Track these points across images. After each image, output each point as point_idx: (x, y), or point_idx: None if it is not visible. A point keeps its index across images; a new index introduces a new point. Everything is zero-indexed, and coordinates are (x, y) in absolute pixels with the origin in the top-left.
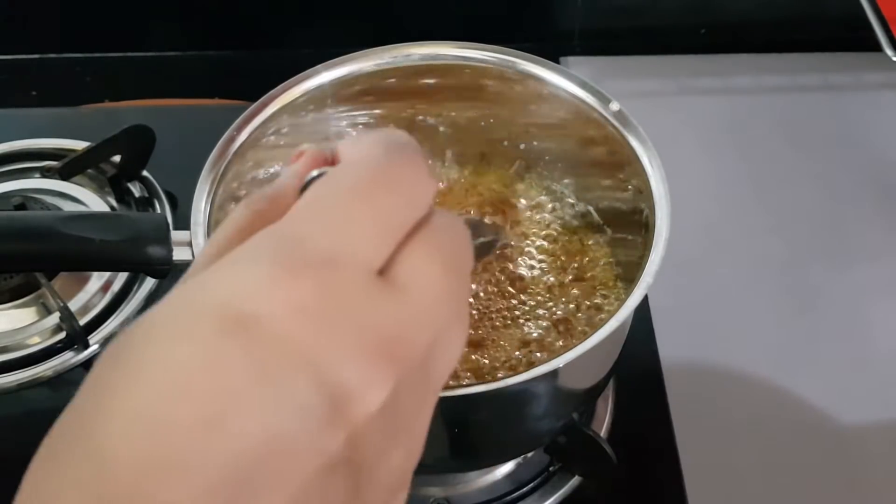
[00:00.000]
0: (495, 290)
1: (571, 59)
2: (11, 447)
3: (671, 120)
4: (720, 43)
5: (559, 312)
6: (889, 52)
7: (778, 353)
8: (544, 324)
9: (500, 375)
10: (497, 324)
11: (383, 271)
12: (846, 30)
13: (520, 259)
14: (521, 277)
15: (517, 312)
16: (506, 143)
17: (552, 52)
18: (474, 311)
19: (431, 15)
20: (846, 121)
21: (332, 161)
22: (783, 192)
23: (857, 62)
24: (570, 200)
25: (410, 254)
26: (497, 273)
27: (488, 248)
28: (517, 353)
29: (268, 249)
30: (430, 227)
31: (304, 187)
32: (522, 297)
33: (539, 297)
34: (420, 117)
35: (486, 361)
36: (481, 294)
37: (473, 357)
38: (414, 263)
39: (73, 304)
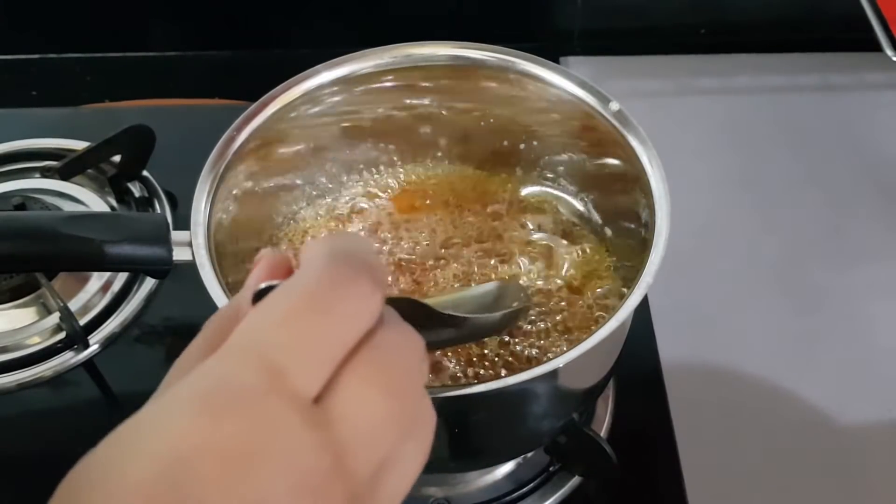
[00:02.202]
0: None
1: (571, 59)
2: (11, 447)
3: (671, 120)
4: (720, 43)
5: (558, 312)
6: (889, 52)
7: (778, 353)
8: (543, 325)
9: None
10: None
11: (321, 398)
12: (846, 30)
13: (519, 259)
14: (520, 277)
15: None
16: (505, 143)
17: (552, 52)
18: None
19: (431, 15)
20: (846, 121)
21: (289, 268)
22: (783, 191)
23: (857, 62)
24: (570, 200)
25: (347, 379)
26: (496, 274)
27: (516, 317)
28: (515, 353)
29: (195, 391)
30: (373, 345)
31: (259, 296)
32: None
33: (538, 298)
34: (419, 118)
35: (485, 362)
36: None
37: (471, 357)
38: (350, 391)
39: (73, 304)
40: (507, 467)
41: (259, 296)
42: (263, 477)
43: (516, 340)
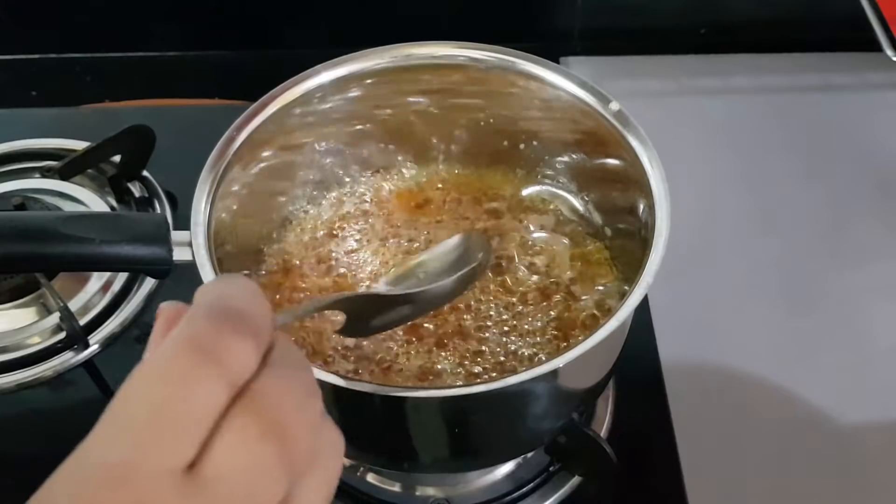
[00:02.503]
0: (493, 289)
1: (571, 59)
2: (11, 447)
3: (671, 120)
4: (720, 43)
5: (558, 312)
6: (889, 52)
7: (778, 353)
8: (543, 324)
9: (497, 377)
10: (495, 324)
11: (196, 461)
12: (846, 30)
13: (518, 259)
14: (520, 277)
15: (515, 312)
16: (505, 143)
17: (552, 52)
18: (470, 316)
19: (431, 15)
20: (846, 121)
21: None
22: (783, 191)
23: (857, 62)
24: (570, 200)
25: (220, 437)
26: (494, 273)
27: (473, 276)
28: (515, 353)
29: (73, 477)
30: (247, 396)
31: None
32: (521, 296)
33: (537, 297)
34: (419, 117)
35: (484, 363)
36: (479, 296)
37: (470, 358)
38: (223, 447)
39: (73, 304)
40: (507, 467)
41: None
42: None
43: (515, 340)
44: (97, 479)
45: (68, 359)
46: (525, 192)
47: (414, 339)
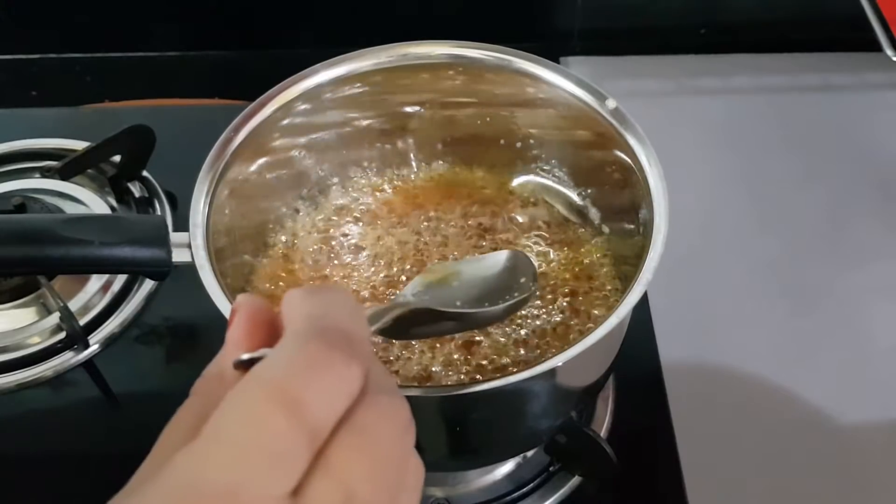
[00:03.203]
0: None
1: (571, 59)
2: (11, 447)
3: (671, 120)
4: (720, 43)
5: (557, 311)
6: (889, 52)
7: (778, 353)
8: (541, 323)
9: (496, 376)
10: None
11: (300, 490)
12: (846, 30)
13: None
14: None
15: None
16: (503, 141)
17: (552, 52)
18: None
19: (431, 14)
20: (846, 121)
21: (269, 320)
22: (783, 191)
23: (857, 62)
24: (568, 199)
25: (325, 471)
26: None
27: (519, 306)
28: (514, 352)
29: (168, 491)
30: (351, 427)
31: (247, 362)
32: None
33: (537, 297)
34: (418, 117)
35: (484, 362)
36: None
37: (469, 359)
38: (328, 483)
39: (73, 304)
40: (507, 467)
41: (241, 364)
42: None
43: (512, 332)
44: (198, 499)
45: (68, 359)
46: (523, 190)
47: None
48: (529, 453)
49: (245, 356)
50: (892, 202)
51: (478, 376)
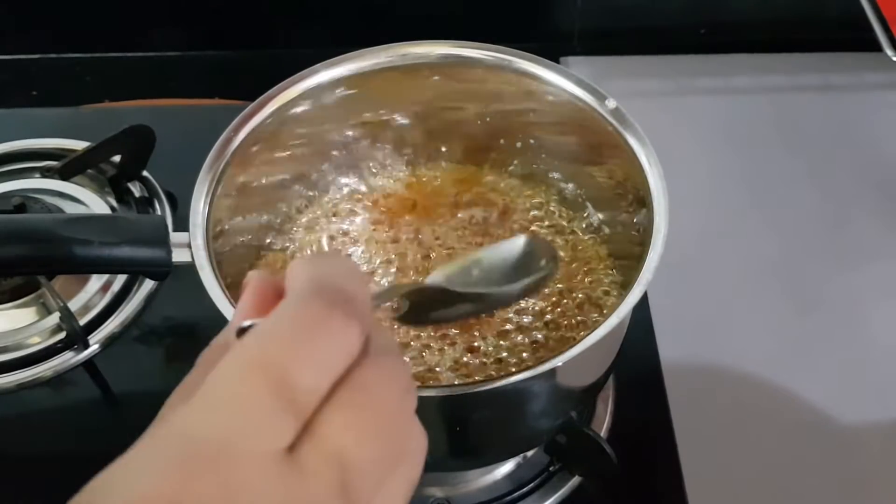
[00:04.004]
0: None
1: (571, 59)
2: (11, 447)
3: (671, 120)
4: (720, 43)
5: (556, 311)
6: (889, 52)
7: (778, 353)
8: (541, 323)
9: (496, 376)
10: (493, 324)
11: (296, 445)
12: (846, 30)
13: None
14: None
15: (513, 310)
16: (503, 141)
17: (552, 52)
18: None
19: (431, 15)
20: (846, 121)
21: (278, 294)
22: (783, 191)
23: (857, 62)
24: (568, 198)
25: (323, 428)
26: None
27: (538, 287)
28: (514, 352)
29: (170, 444)
30: (351, 386)
31: (243, 333)
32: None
33: (536, 297)
34: (417, 117)
35: (483, 361)
36: None
37: (467, 359)
38: (326, 440)
39: (73, 304)
40: (507, 467)
41: (243, 331)
42: None
43: (513, 338)
44: (192, 454)
45: (68, 359)
46: (523, 189)
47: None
48: (529, 453)
49: (246, 322)
50: (892, 202)
51: (477, 377)
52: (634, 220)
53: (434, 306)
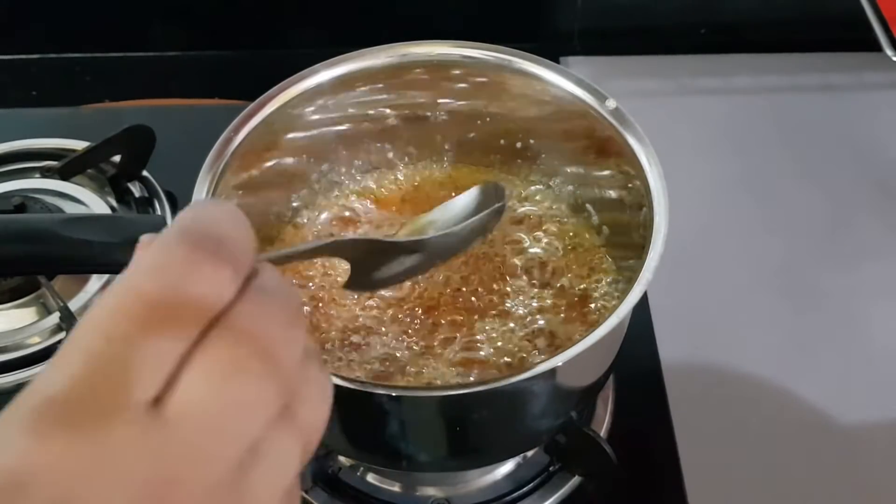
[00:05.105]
0: (492, 288)
1: (571, 59)
2: None
3: (671, 120)
4: (720, 43)
5: (556, 311)
6: (889, 52)
7: (778, 353)
8: (542, 323)
9: (496, 376)
10: (493, 324)
11: (163, 396)
12: (846, 30)
13: (516, 257)
14: (518, 276)
15: (513, 311)
16: (503, 141)
17: (552, 52)
18: (466, 314)
19: (431, 15)
20: (846, 121)
21: None
22: (783, 191)
23: (857, 62)
24: (567, 198)
25: (190, 373)
26: (493, 271)
27: (486, 225)
28: (514, 352)
29: (28, 405)
30: (221, 326)
31: None
32: (520, 296)
33: (535, 295)
34: (417, 117)
35: (483, 361)
36: (479, 290)
37: (467, 359)
38: (191, 381)
39: (73, 304)
40: (507, 467)
41: None
42: (98, 496)
43: (513, 338)
44: (51, 413)
45: None
46: (523, 190)
47: (409, 339)
48: (529, 453)
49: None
50: (892, 202)
51: (477, 377)
52: (634, 220)
53: (375, 264)
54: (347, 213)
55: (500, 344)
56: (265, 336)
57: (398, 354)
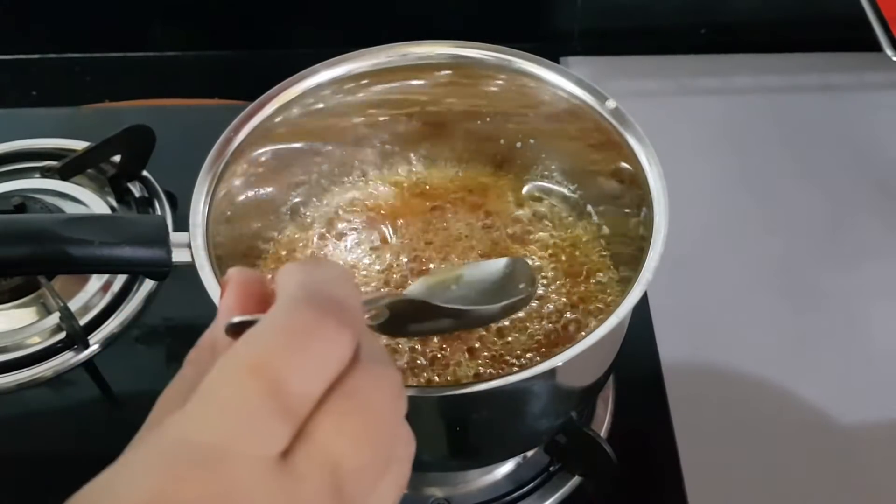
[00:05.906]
0: None
1: (571, 59)
2: (11, 447)
3: (671, 120)
4: (720, 43)
5: (556, 312)
6: (889, 52)
7: (778, 353)
8: (541, 323)
9: (496, 376)
10: (493, 324)
11: (290, 450)
12: (846, 30)
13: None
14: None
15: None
16: (503, 141)
17: (552, 52)
18: None
19: (431, 15)
20: (846, 121)
21: (260, 289)
22: (783, 191)
23: (857, 62)
24: (568, 198)
25: (316, 434)
26: None
27: (517, 307)
28: (514, 352)
29: (163, 448)
30: (343, 392)
31: (232, 329)
32: None
33: (536, 296)
34: (417, 117)
35: (482, 361)
36: None
37: (467, 361)
38: (319, 446)
39: (73, 304)
40: (507, 467)
41: (232, 328)
42: None
43: (513, 338)
44: (187, 457)
45: (68, 359)
46: (523, 190)
47: (409, 339)
48: (529, 453)
49: (236, 319)
50: (892, 202)
51: (477, 377)
52: (634, 220)
53: (414, 318)
54: (347, 213)
55: (499, 344)
56: (378, 409)
57: (398, 354)
